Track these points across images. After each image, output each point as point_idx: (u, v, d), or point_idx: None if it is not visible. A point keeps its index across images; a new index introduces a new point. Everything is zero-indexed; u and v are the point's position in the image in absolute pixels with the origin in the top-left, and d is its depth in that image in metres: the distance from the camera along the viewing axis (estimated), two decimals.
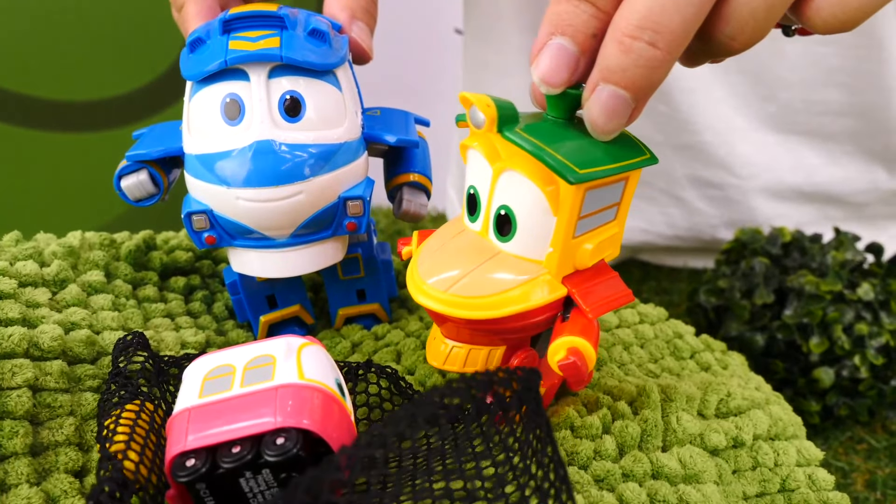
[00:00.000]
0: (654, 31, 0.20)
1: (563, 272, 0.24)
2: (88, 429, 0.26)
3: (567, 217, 0.23)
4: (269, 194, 0.28)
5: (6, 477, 0.24)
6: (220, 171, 0.28)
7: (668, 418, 0.28)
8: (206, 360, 0.24)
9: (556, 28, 0.22)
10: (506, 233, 0.24)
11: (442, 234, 0.26)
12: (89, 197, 0.80)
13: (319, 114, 0.28)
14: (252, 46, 0.27)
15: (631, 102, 0.21)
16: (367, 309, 0.35)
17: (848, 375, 0.46)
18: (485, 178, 0.24)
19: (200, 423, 0.21)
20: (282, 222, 0.29)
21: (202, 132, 0.28)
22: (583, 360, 0.23)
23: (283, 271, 0.31)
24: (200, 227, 0.29)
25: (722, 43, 0.22)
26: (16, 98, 0.75)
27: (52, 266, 0.31)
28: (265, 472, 0.21)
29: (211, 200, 0.29)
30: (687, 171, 0.62)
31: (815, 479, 0.30)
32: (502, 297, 0.23)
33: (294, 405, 0.21)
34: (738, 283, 0.51)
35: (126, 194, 0.30)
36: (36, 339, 0.26)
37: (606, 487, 0.24)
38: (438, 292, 0.23)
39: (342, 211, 0.30)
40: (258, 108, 0.27)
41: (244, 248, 0.30)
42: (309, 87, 0.28)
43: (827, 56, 0.55)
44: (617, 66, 0.21)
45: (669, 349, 0.36)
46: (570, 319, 0.24)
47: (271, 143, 0.27)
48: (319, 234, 0.30)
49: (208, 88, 0.28)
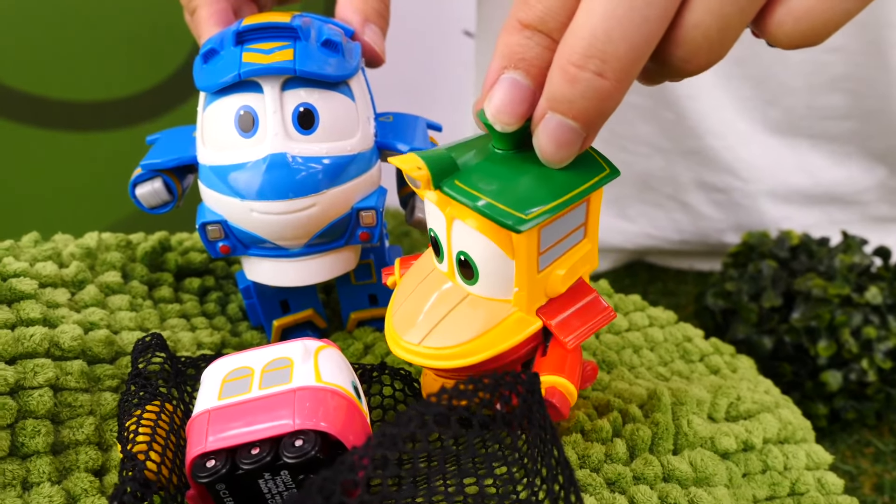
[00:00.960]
0: (601, 59, 0.19)
1: (536, 305, 0.23)
2: (108, 428, 0.26)
3: (525, 259, 0.22)
4: (282, 207, 0.28)
5: (28, 475, 0.24)
6: (234, 183, 0.28)
7: (679, 421, 0.28)
8: (224, 362, 0.24)
9: (508, 61, 0.20)
10: (469, 276, 0.23)
11: (416, 271, 0.26)
12: (98, 196, 0.80)
13: (333, 125, 0.28)
14: (265, 59, 0.27)
15: (581, 132, 0.20)
16: (379, 313, 0.36)
17: (856, 379, 0.46)
18: (441, 224, 0.23)
19: (220, 424, 0.22)
20: (295, 234, 0.29)
21: (216, 144, 0.28)
22: (563, 400, 0.23)
23: (296, 280, 0.31)
24: (215, 237, 0.30)
25: (676, 66, 0.20)
26: (25, 98, 0.75)
27: (71, 267, 0.31)
28: (284, 473, 0.21)
29: (225, 211, 0.29)
30: (693, 176, 0.63)
31: (825, 483, 0.30)
32: (475, 343, 0.23)
33: (312, 407, 0.22)
34: (746, 286, 0.51)
35: (141, 202, 0.31)
36: (57, 339, 0.27)
37: (618, 490, 0.24)
38: (412, 346, 0.23)
39: (355, 221, 0.30)
40: (272, 120, 0.27)
41: (258, 258, 0.31)
42: (322, 98, 0.28)
43: (831, 63, 0.55)
44: (563, 96, 0.20)
45: (679, 352, 0.36)
46: (548, 353, 0.23)
47: (285, 156, 0.27)
48: (333, 243, 0.30)
49: (222, 100, 0.28)
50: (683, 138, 0.60)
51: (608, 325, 0.36)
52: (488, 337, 0.23)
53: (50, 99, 0.76)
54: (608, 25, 0.19)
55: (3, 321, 0.26)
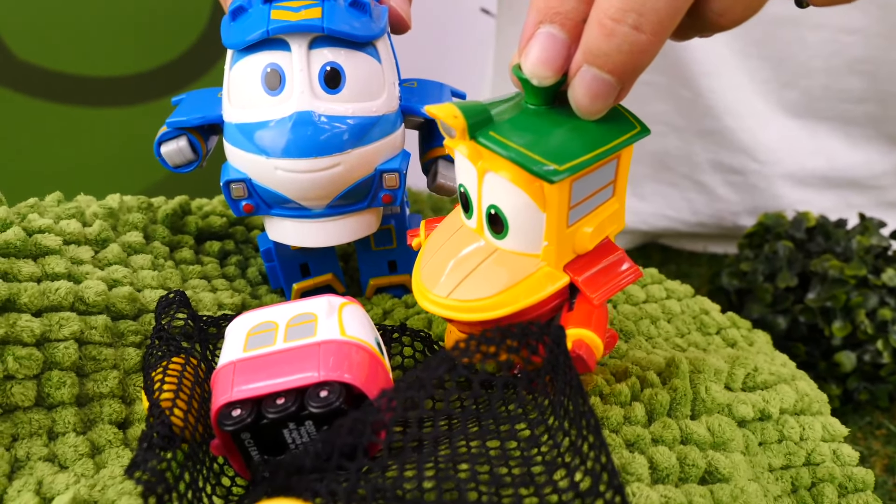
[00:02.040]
0: (638, 13, 0.19)
1: (564, 260, 0.23)
2: (131, 382, 0.27)
3: (556, 212, 0.22)
4: (307, 165, 0.28)
5: (54, 425, 0.24)
6: (260, 140, 0.28)
7: (697, 388, 0.28)
8: (248, 316, 0.25)
9: (544, 16, 0.21)
10: (499, 231, 0.23)
11: (443, 229, 0.26)
12: (113, 171, 0.80)
13: (359, 85, 0.28)
14: (294, 17, 0.27)
15: (616, 85, 0.21)
16: (398, 280, 0.36)
17: (870, 360, 0.46)
18: (472, 179, 0.23)
19: (245, 375, 0.22)
20: (319, 193, 0.29)
21: (242, 101, 0.28)
22: (589, 352, 0.23)
23: (318, 241, 0.31)
24: (239, 195, 0.30)
25: (710, 20, 0.21)
26: (41, 72, 0.76)
27: (94, 226, 0.31)
28: (308, 423, 0.21)
29: (250, 169, 0.29)
30: (709, 156, 0.62)
31: (840, 455, 0.30)
32: (503, 296, 0.23)
33: (337, 360, 0.22)
34: (762, 267, 0.51)
35: (165, 160, 0.31)
36: (81, 294, 0.27)
37: (638, 450, 0.24)
38: (441, 298, 0.23)
39: (378, 183, 0.30)
40: (298, 78, 0.27)
41: (280, 217, 0.31)
42: (349, 58, 0.28)
43: (850, 45, 0.55)
44: (599, 50, 0.20)
45: (696, 325, 0.36)
46: (574, 308, 0.24)
47: (311, 115, 0.27)
48: (356, 205, 0.31)
49: (249, 58, 0.28)
50: (700, 118, 0.60)
51: (626, 296, 0.36)
52: (516, 290, 0.23)
53: (66, 74, 0.77)
54: None
55: (29, 275, 0.27)
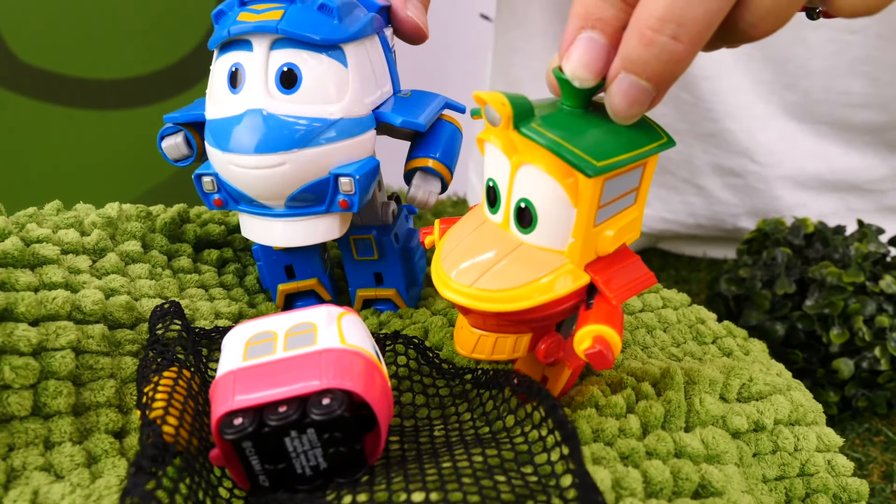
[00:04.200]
0: (677, 24, 0.20)
1: (586, 260, 0.24)
2: (128, 391, 0.27)
3: (587, 208, 0.23)
4: (254, 161, 0.28)
5: (50, 435, 0.25)
6: (219, 135, 0.29)
7: (692, 400, 0.28)
8: (245, 327, 0.25)
9: (585, 22, 0.22)
10: (527, 225, 0.24)
11: (464, 225, 0.26)
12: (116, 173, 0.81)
13: (316, 87, 0.29)
14: (255, 18, 0.28)
15: (652, 91, 0.22)
16: (385, 294, 0.36)
17: (868, 367, 0.46)
18: (503, 172, 0.24)
19: (246, 384, 0.22)
20: (269, 191, 0.30)
21: (213, 98, 0.30)
22: (608, 347, 0.23)
23: (279, 240, 0.31)
24: (209, 189, 0.31)
25: (742, 31, 0.21)
26: (44, 75, 0.76)
27: (92, 235, 0.32)
28: (310, 431, 0.21)
29: (214, 164, 0.30)
30: (709, 159, 0.62)
31: (835, 465, 0.30)
32: (526, 288, 0.23)
33: (338, 368, 0.22)
34: (760, 273, 0.51)
35: (165, 153, 0.32)
36: (78, 303, 0.27)
37: (632, 464, 0.24)
38: (463, 286, 0.24)
39: (334, 187, 0.30)
40: (254, 77, 0.28)
41: (248, 215, 0.31)
42: (308, 60, 0.28)
43: (850, 45, 0.54)
44: (638, 58, 0.21)
45: (692, 334, 0.36)
46: (594, 307, 0.24)
47: (260, 112, 0.28)
48: (313, 207, 0.31)
49: (222, 58, 0.29)
50: (700, 121, 0.60)
51: (622, 305, 0.36)
52: (540, 284, 0.23)
53: (67, 76, 0.77)
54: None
55: (27, 284, 0.27)
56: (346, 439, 0.22)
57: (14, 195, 0.77)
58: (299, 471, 0.22)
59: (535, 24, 0.61)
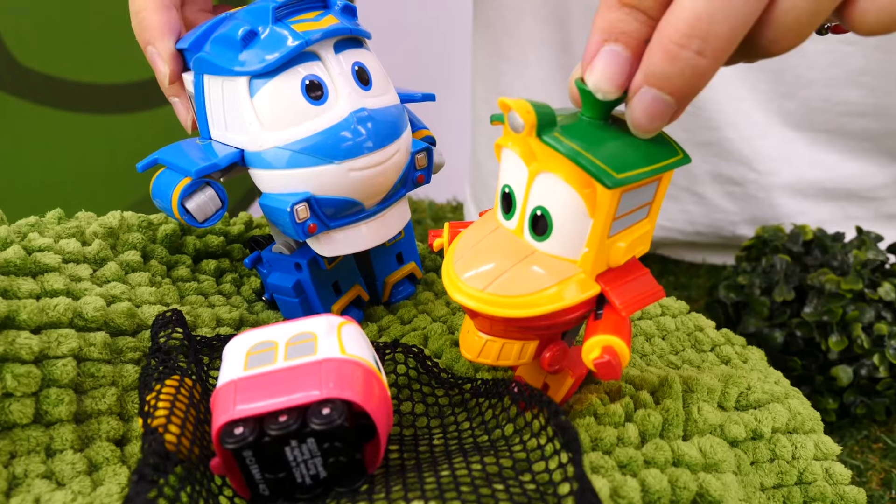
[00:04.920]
0: (702, 39, 0.20)
1: (597, 270, 0.24)
2: (129, 399, 0.27)
3: (604, 219, 0.23)
4: (378, 158, 0.29)
5: (52, 442, 0.25)
6: (323, 150, 0.28)
7: (690, 408, 0.28)
8: (246, 336, 0.25)
9: (608, 35, 0.22)
10: (541, 232, 0.24)
11: (476, 230, 0.26)
12: (116, 178, 0.81)
13: (379, 79, 0.30)
14: (320, 24, 0.28)
15: (674, 106, 0.22)
16: (407, 270, 0.37)
17: (866, 374, 0.46)
18: (520, 179, 0.24)
19: (247, 393, 0.22)
20: (387, 185, 0.30)
21: (283, 121, 0.28)
22: (617, 358, 0.23)
23: (378, 237, 0.32)
24: (304, 216, 0.29)
25: (762, 47, 0.22)
26: (43, 79, 0.76)
27: (93, 245, 0.32)
28: (310, 440, 0.21)
29: (313, 183, 0.29)
30: (708, 168, 0.62)
31: (832, 473, 0.30)
32: (538, 296, 0.23)
33: (338, 378, 0.22)
34: (759, 280, 0.51)
35: (194, 216, 0.29)
36: (80, 310, 0.27)
37: (629, 473, 0.25)
38: (475, 290, 0.24)
39: (412, 165, 0.32)
40: (340, 81, 0.29)
41: (334, 231, 0.30)
42: (365, 56, 0.30)
43: (849, 56, 0.55)
44: (662, 73, 0.21)
45: (690, 342, 0.36)
46: (603, 317, 0.24)
47: (364, 111, 0.29)
48: (398, 193, 0.32)
49: (279, 77, 0.28)
50: (699, 129, 0.60)
51: None
52: (552, 292, 0.23)
53: (68, 81, 0.77)
54: (712, 7, 0.20)
55: (28, 292, 0.27)
56: (345, 449, 0.22)
57: (14, 199, 0.77)
58: (299, 480, 0.23)
59: (527, 33, 0.61)
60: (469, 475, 0.22)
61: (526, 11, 0.61)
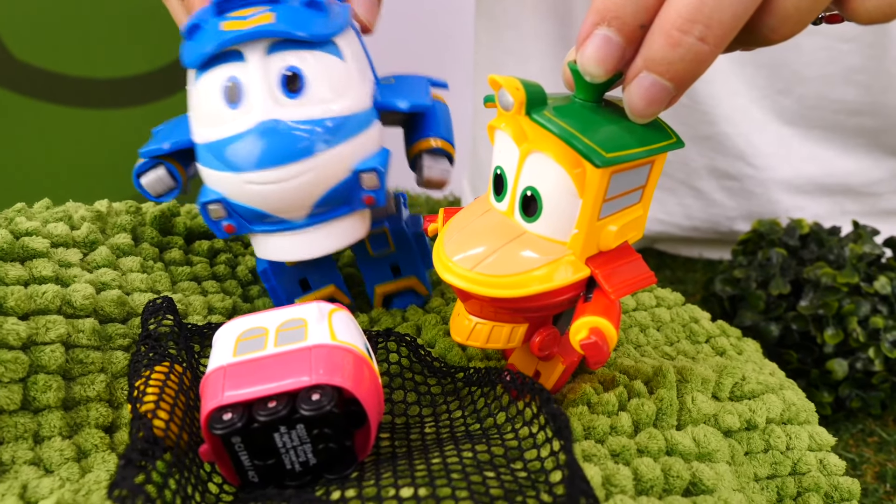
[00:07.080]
0: (705, 25, 0.20)
1: (587, 253, 0.24)
2: (119, 386, 0.27)
3: (593, 199, 0.23)
4: (277, 175, 0.27)
5: (40, 429, 0.24)
6: (227, 156, 0.27)
7: (684, 398, 0.28)
8: (236, 323, 0.25)
9: (602, 18, 0.21)
10: (531, 213, 0.24)
11: (468, 212, 0.26)
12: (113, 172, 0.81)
13: (322, 86, 0.27)
14: (245, 24, 0.26)
15: (672, 91, 0.22)
16: (404, 283, 0.35)
17: (862, 368, 0.46)
18: (511, 159, 0.24)
19: (236, 379, 0.22)
20: (294, 203, 0.28)
21: (207, 120, 0.28)
22: (604, 339, 0.23)
23: (306, 253, 0.30)
24: (218, 216, 0.29)
25: (762, 34, 0.22)
26: (41, 74, 0.76)
27: (82, 228, 0.32)
28: (299, 427, 0.21)
29: (223, 187, 0.28)
30: (705, 162, 0.62)
31: (827, 464, 0.30)
32: (527, 276, 0.23)
33: (328, 364, 0.22)
34: (755, 273, 0.51)
35: (147, 191, 0.30)
36: (69, 297, 0.27)
37: (622, 461, 0.24)
38: (464, 270, 0.24)
39: (357, 185, 0.29)
40: (257, 88, 0.27)
41: (265, 234, 0.30)
42: (309, 59, 0.27)
43: (845, 54, 0.55)
44: (663, 58, 0.21)
45: (685, 333, 0.36)
46: (592, 300, 0.24)
47: (274, 123, 0.27)
48: (337, 211, 0.30)
49: (208, 74, 0.27)
50: (697, 124, 0.60)
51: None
52: (542, 273, 0.23)
53: (65, 75, 0.77)
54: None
55: (16, 278, 0.27)
56: (335, 435, 0.22)
57: (10, 193, 0.77)
58: (289, 466, 0.22)
59: (529, 27, 0.61)
60: (460, 463, 0.22)
61: (528, 5, 0.60)
